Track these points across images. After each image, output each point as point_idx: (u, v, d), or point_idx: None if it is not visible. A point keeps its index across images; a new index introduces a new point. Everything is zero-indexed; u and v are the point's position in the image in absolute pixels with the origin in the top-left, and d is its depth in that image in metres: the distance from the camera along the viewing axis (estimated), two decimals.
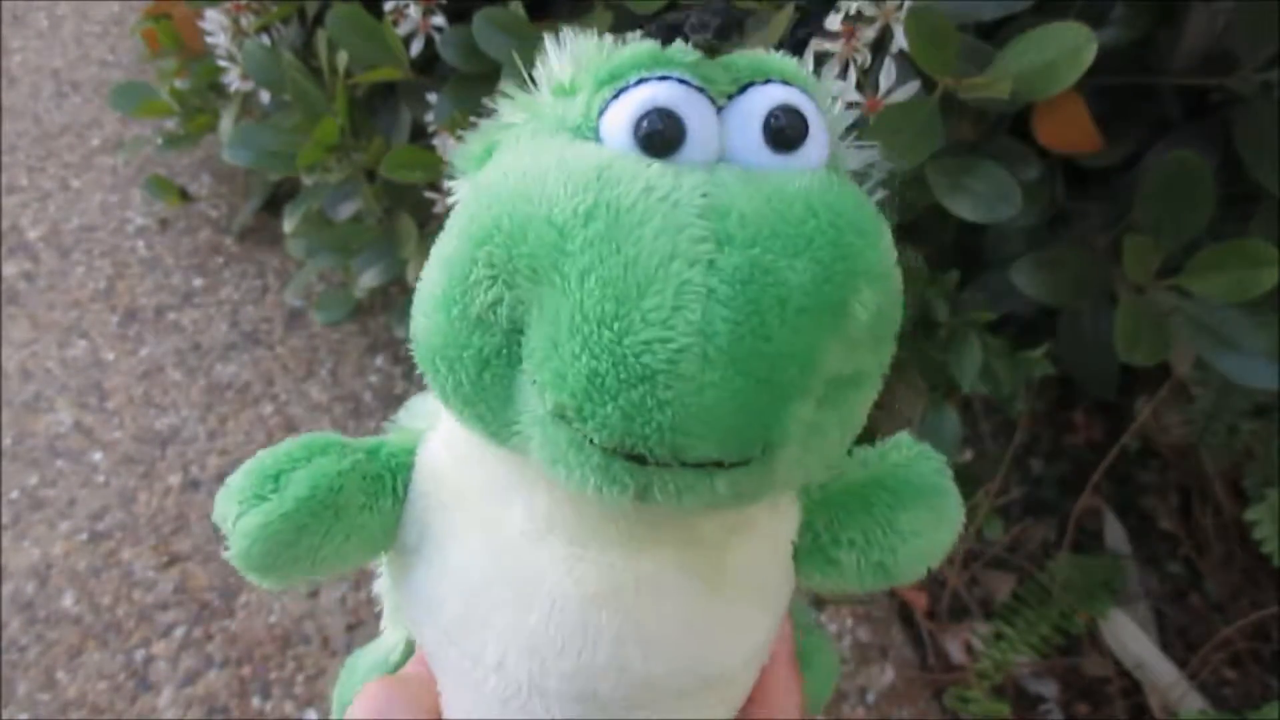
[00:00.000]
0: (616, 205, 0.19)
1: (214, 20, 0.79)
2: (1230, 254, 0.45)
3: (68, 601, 0.77)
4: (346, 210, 0.78)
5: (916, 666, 0.74)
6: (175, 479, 0.86)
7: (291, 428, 0.90)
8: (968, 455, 0.77)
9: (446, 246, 0.22)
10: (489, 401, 0.22)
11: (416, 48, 0.63)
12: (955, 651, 0.74)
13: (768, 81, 0.22)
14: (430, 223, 0.75)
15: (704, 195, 0.19)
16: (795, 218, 0.20)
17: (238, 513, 0.24)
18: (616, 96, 0.21)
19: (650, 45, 0.23)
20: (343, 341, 0.99)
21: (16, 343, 0.97)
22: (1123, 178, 0.53)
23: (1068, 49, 0.41)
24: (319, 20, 0.73)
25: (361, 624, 0.76)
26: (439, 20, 0.62)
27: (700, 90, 0.22)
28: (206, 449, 0.88)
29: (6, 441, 0.88)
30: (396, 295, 1.00)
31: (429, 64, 0.65)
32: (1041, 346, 0.58)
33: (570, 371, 0.19)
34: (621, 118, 0.21)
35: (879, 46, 0.44)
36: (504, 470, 0.24)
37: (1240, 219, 0.49)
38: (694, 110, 0.21)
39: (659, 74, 0.22)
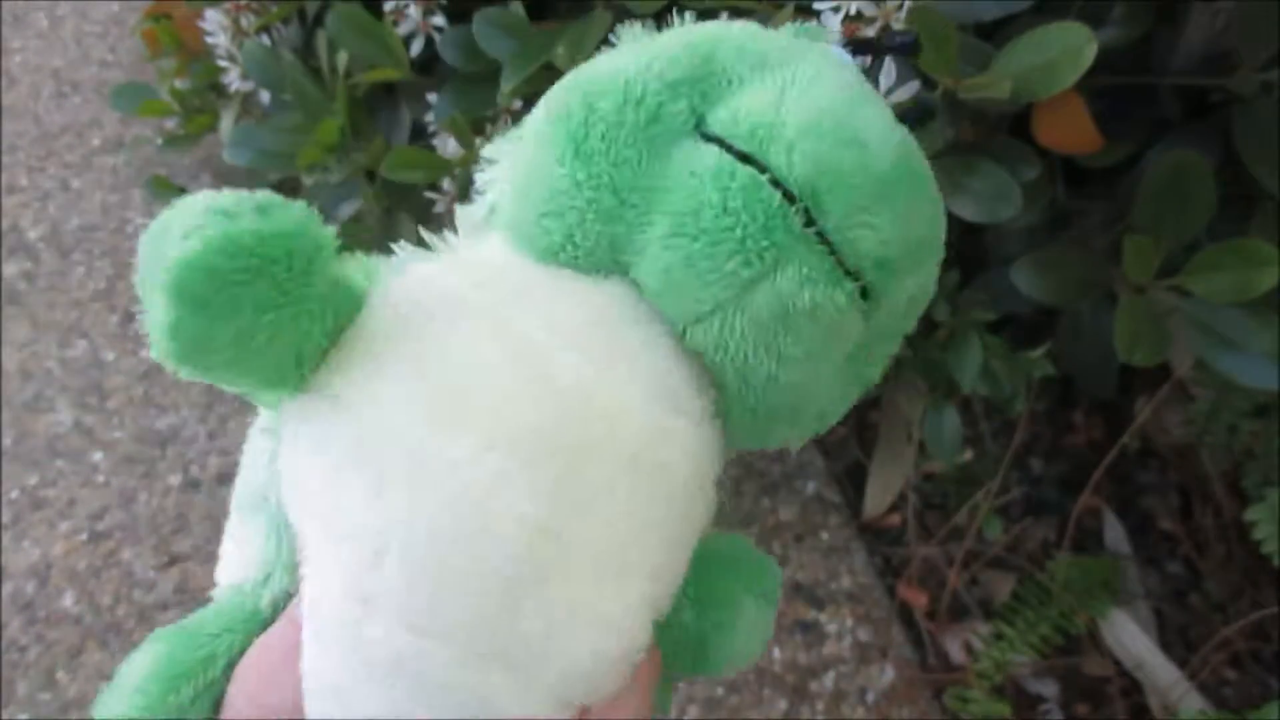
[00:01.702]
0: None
1: (214, 20, 0.79)
2: (1230, 254, 0.45)
3: (68, 601, 0.77)
4: (346, 210, 0.78)
5: (916, 666, 0.74)
6: (175, 479, 0.86)
7: None
8: (968, 455, 0.77)
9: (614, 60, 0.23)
10: (639, 161, 0.21)
11: (416, 48, 0.63)
12: (955, 651, 0.74)
13: None
14: (430, 223, 0.75)
15: None
16: None
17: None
18: None
19: None
20: None
21: (16, 343, 0.97)
22: (1123, 178, 0.53)
23: (1068, 49, 0.41)
24: (319, 20, 0.73)
25: None
26: (439, 20, 0.62)
27: None
28: (206, 449, 0.88)
29: (6, 441, 0.88)
30: None
31: (429, 64, 0.65)
32: (1041, 346, 0.58)
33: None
34: None
35: None
36: (534, 279, 0.23)
37: (1240, 219, 0.49)
38: None
39: None
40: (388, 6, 0.62)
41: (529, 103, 0.62)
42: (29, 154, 1.20)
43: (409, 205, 0.74)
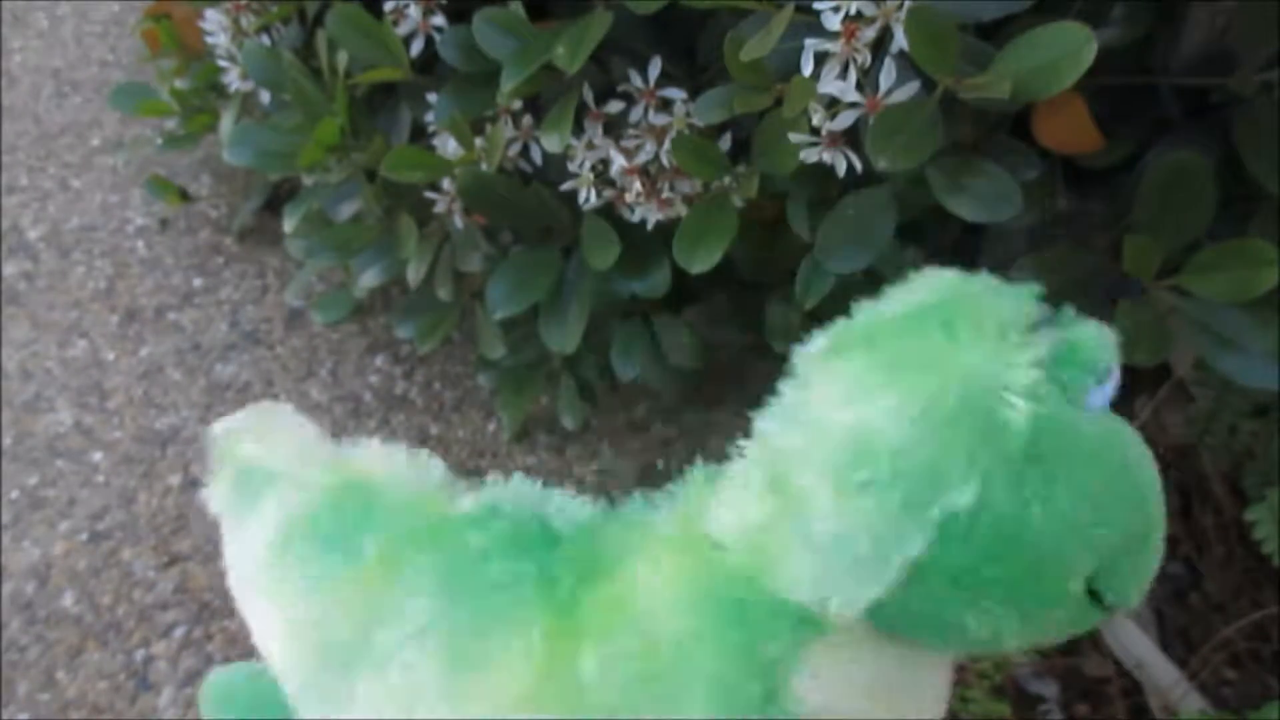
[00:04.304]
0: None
1: (214, 20, 0.79)
2: (1230, 254, 0.45)
3: (68, 601, 0.77)
4: (346, 210, 0.78)
5: None
6: (175, 479, 0.86)
7: None
8: None
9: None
10: None
11: (416, 48, 0.63)
12: None
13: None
14: (430, 222, 0.75)
15: None
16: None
17: None
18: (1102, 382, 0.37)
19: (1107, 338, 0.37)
20: (343, 341, 0.99)
21: (16, 343, 0.97)
22: (1123, 178, 0.53)
23: (1068, 49, 0.41)
24: (319, 20, 0.73)
25: None
26: (439, 20, 0.62)
27: None
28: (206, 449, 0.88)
29: (6, 441, 0.88)
30: (396, 295, 1.00)
31: (429, 64, 0.65)
32: None
33: (1135, 581, 0.36)
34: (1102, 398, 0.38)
35: (879, 46, 0.44)
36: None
37: (1240, 219, 0.49)
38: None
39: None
40: (388, 6, 0.62)
41: (529, 103, 0.62)
42: (29, 154, 1.20)
43: (409, 205, 0.75)
